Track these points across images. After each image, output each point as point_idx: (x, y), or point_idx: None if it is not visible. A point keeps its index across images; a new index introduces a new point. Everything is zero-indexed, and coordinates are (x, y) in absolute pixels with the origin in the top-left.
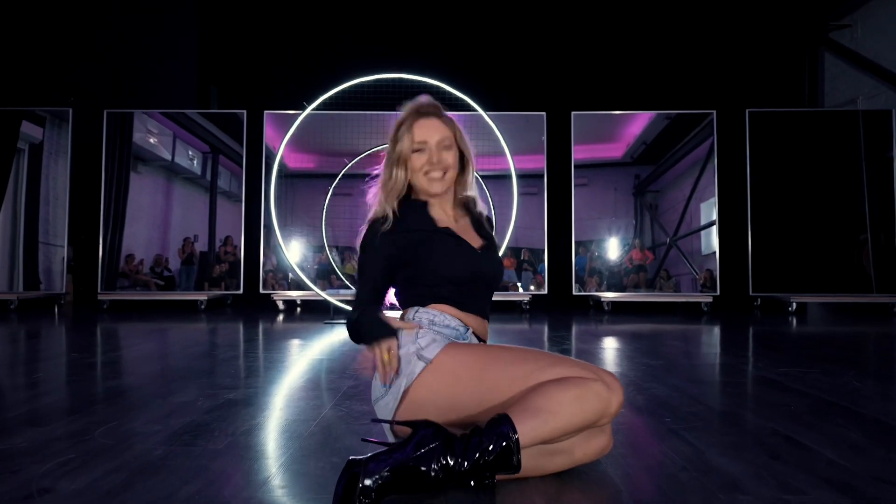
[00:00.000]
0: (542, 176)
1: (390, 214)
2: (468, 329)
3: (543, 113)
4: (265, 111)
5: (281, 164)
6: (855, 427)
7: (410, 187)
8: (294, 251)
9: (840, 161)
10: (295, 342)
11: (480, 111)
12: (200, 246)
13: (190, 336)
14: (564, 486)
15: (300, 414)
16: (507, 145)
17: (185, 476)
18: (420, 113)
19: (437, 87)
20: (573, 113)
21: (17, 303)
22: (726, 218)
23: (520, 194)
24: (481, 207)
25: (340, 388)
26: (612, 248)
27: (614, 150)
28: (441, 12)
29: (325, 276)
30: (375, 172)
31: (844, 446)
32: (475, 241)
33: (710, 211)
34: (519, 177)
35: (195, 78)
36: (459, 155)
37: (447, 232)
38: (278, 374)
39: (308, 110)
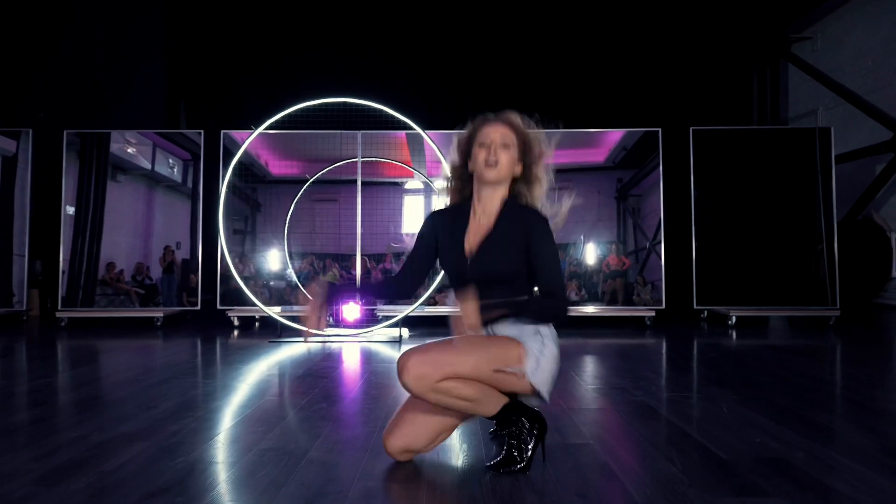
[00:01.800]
0: None
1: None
2: None
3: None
4: (222, 131)
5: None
6: (681, 460)
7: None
8: (273, 259)
9: (785, 176)
10: (235, 366)
11: (418, 129)
12: (183, 254)
13: (130, 359)
14: None
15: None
16: (446, 158)
17: None
18: (487, 118)
19: (380, 110)
20: None
21: None
22: (672, 233)
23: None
24: (534, 197)
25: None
26: (592, 254)
27: (597, 155)
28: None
29: (304, 284)
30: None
31: (654, 480)
32: (475, 240)
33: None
34: None
35: (164, 92)
36: (523, 158)
37: (462, 220)
38: (191, 402)
39: (255, 134)
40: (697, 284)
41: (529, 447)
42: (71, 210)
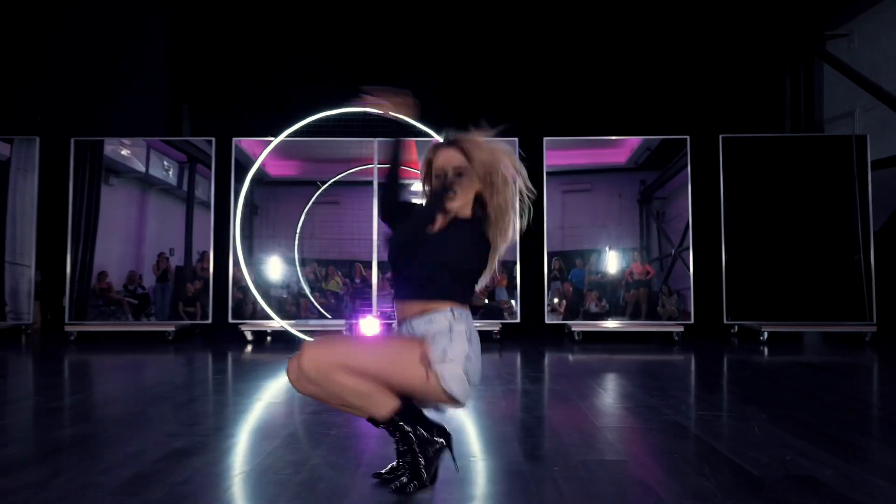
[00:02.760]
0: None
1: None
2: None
3: (516, 139)
4: (234, 138)
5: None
6: (714, 476)
7: None
8: (275, 267)
9: (820, 184)
10: (260, 382)
11: (436, 136)
12: (176, 260)
13: (154, 375)
14: None
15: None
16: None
17: None
18: (439, 145)
19: (402, 120)
20: (545, 139)
21: None
22: (700, 245)
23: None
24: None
25: (291, 432)
26: (613, 261)
27: (618, 156)
28: (414, 44)
29: (310, 292)
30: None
31: (690, 496)
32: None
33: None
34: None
35: (166, 96)
36: (487, 178)
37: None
38: (231, 419)
39: (274, 143)
40: (728, 298)
41: (421, 460)
42: None
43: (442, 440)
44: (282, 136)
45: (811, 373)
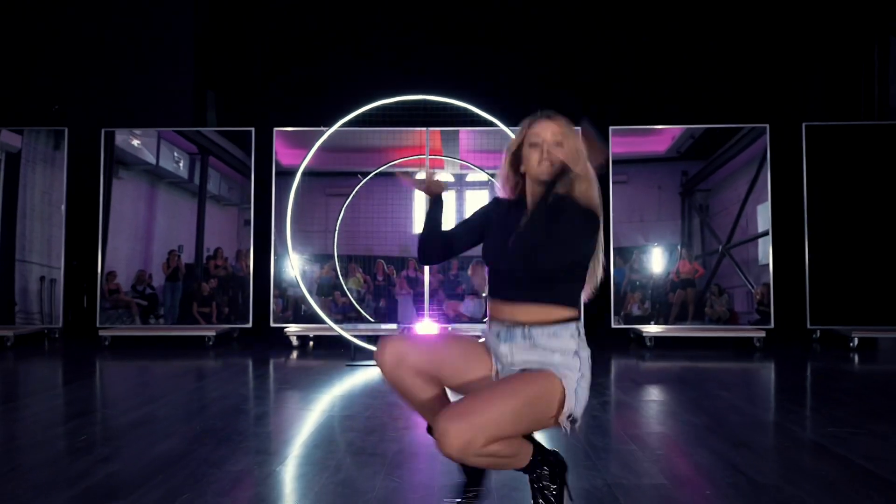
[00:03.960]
0: None
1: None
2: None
3: (578, 129)
4: (275, 128)
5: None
6: (876, 495)
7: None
8: (293, 263)
9: None
10: (327, 395)
11: (502, 126)
12: (186, 258)
13: (215, 384)
14: None
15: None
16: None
17: None
18: (537, 117)
19: (464, 108)
20: (611, 128)
21: (14, 339)
22: (781, 242)
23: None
24: (579, 193)
25: (365, 447)
26: (657, 260)
27: (658, 144)
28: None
29: (328, 291)
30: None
31: None
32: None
33: (767, 215)
34: None
35: (192, 82)
36: (573, 155)
37: (514, 211)
38: (327, 434)
39: (327, 134)
40: (811, 301)
41: (552, 495)
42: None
43: (559, 471)
44: (338, 125)
45: None
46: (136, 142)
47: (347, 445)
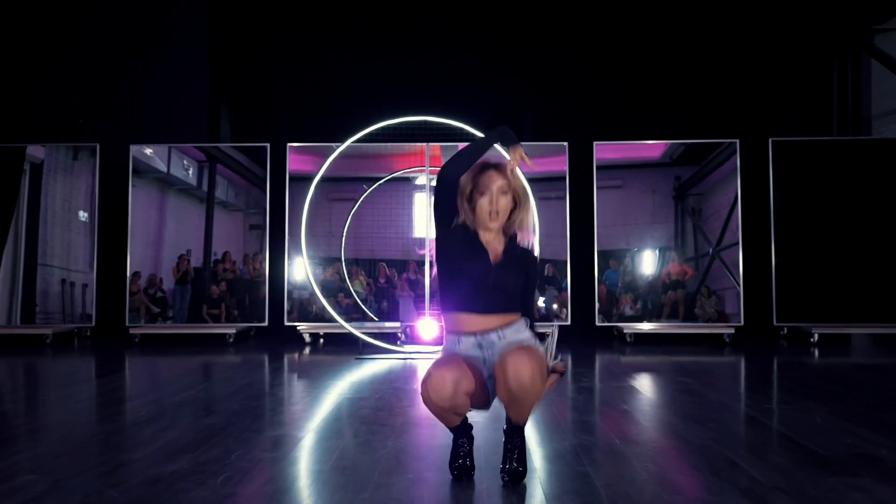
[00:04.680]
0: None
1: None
2: (458, 337)
3: (566, 143)
4: (288, 143)
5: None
6: (789, 454)
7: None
8: (298, 266)
9: (870, 186)
10: (341, 382)
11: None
12: (194, 261)
13: (240, 375)
14: None
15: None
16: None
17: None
18: (486, 167)
19: (460, 127)
20: (595, 143)
21: (52, 337)
22: (750, 248)
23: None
24: (525, 244)
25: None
26: (649, 262)
27: (651, 150)
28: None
29: (332, 293)
30: None
31: (767, 467)
32: (494, 257)
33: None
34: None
35: (206, 97)
36: (513, 199)
37: (476, 246)
38: (355, 413)
39: (341, 149)
40: (777, 300)
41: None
42: (84, 216)
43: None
44: (348, 143)
45: (867, 373)
46: (148, 150)
47: (362, 419)
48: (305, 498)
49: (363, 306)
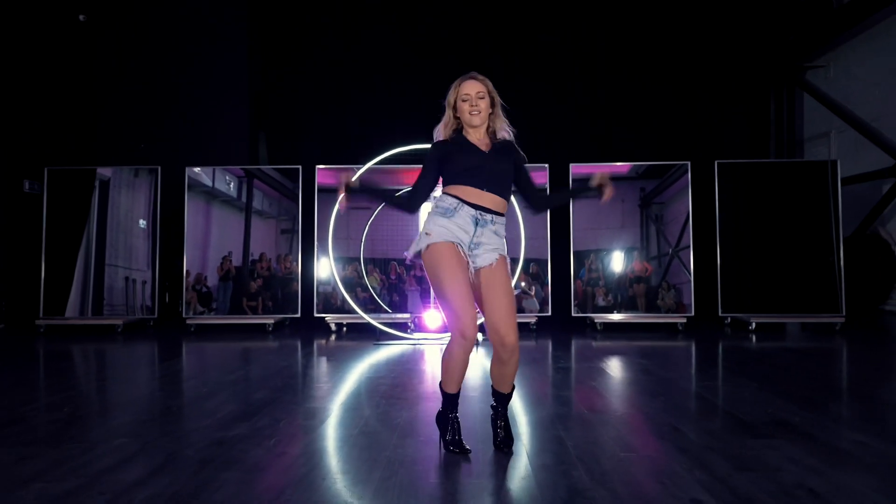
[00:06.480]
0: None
1: (443, 138)
2: (460, 203)
3: (546, 164)
4: (317, 166)
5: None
6: (717, 421)
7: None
8: (323, 265)
9: (800, 199)
10: (361, 364)
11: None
12: (235, 261)
13: (280, 358)
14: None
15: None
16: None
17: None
18: (465, 78)
19: None
20: (571, 165)
21: (123, 326)
22: (699, 250)
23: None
24: (503, 135)
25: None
26: (617, 260)
27: (622, 166)
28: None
29: (351, 288)
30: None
31: (702, 431)
32: (485, 149)
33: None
34: None
35: (247, 125)
36: (490, 102)
37: (467, 144)
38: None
39: (362, 171)
40: (722, 295)
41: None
42: (143, 223)
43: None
44: (368, 166)
45: (792, 355)
46: (197, 168)
47: (381, 394)
48: (341, 456)
49: (378, 299)
